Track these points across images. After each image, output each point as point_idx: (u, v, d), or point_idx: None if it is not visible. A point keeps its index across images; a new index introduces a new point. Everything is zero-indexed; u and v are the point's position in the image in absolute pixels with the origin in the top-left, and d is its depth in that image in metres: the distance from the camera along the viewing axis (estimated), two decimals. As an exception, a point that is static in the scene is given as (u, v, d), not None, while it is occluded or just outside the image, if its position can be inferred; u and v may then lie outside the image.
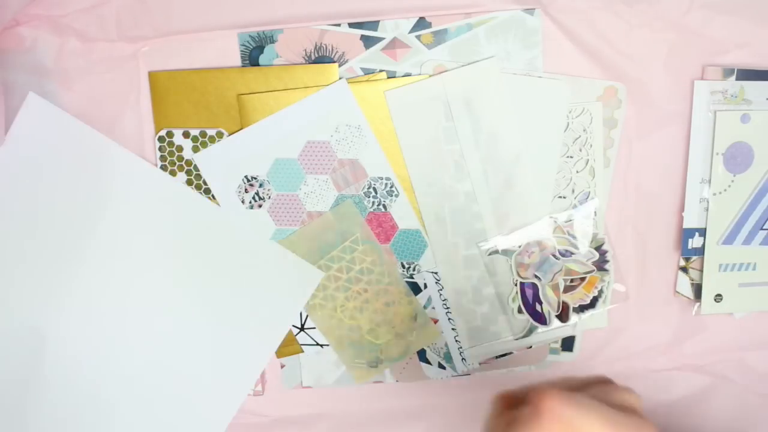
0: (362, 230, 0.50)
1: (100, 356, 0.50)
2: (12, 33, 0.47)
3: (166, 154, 0.49)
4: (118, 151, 0.49)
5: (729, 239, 0.52)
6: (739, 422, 0.54)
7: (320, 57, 0.48)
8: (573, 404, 0.33)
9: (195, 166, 0.49)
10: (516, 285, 0.51)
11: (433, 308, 0.51)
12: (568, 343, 0.53)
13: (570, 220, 0.51)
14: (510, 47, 0.49)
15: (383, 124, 0.49)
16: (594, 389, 0.36)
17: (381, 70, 0.49)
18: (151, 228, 0.50)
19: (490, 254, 0.51)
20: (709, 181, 0.51)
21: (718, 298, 0.52)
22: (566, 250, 0.51)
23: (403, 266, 0.51)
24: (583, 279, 0.52)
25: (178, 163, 0.49)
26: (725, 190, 0.51)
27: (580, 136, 0.50)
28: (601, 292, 0.52)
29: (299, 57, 0.48)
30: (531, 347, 0.53)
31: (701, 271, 0.52)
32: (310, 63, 0.48)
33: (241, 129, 0.48)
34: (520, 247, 0.51)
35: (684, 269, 0.53)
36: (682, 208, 0.52)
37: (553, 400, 0.33)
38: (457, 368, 0.52)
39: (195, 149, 0.49)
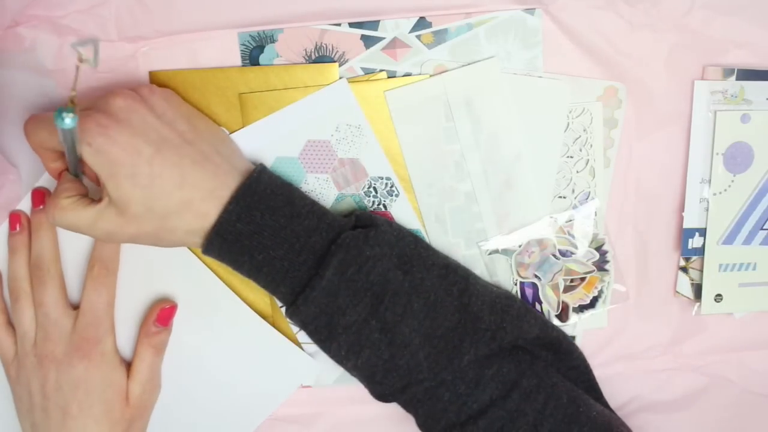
0: (362, 230, 0.50)
1: None
2: (11, 33, 0.47)
3: (166, 153, 0.49)
4: None
5: (729, 239, 0.52)
6: (739, 422, 0.55)
7: (320, 57, 0.48)
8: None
9: (195, 165, 0.49)
10: (516, 285, 0.51)
11: (433, 308, 0.51)
12: (568, 343, 0.53)
13: (570, 220, 0.51)
14: (510, 47, 0.49)
15: (383, 124, 0.49)
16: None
17: (381, 70, 0.49)
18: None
19: (490, 254, 0.51)
20: (709, 181, 0.51)
21: (718, 298, 0.52)
22: (566, 250, 0.51)
23: (403, 266, 0.51)
24: (583, 279, 0.52)
25: (178, 163, 0.49)
26: (725, 190, 0.51)
27: (580, 136, 0.50)
28: (601, 292, 0.52)
29: (299, 56, 0.48)
30: (531, 347, 0.53)
31: (701, 271, 0.52)
32: (310, 62, 0.48)
33: (242, 128, 0.48)
34: (520, 246, 0.51)
35: (684, 269, 0.53)
36: (682, 208, 0.52)
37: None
38: (457, 368, 0.52)
39: (195, 149, 0.49)
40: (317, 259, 0.43)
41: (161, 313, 0.49)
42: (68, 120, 0.37)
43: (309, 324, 0.44)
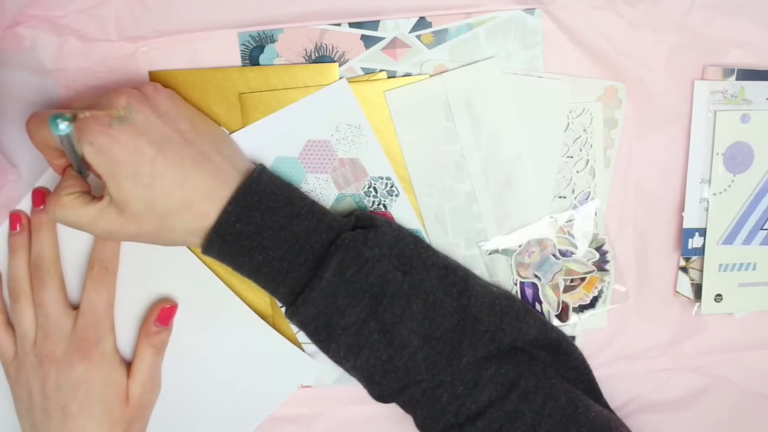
0: (362, 230, 0.50)
1: None
2: (11, 33, 0.47)
3: (166, 153, 0.49)
4: None
5: (729, 239, 0.52)
6: (739, 422, 0.55)
7: (320, 57, 0.48)
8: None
9: (195, 165, 0.49)
10: (516, 285, 0.51)
11: (433, 308, 0.51)
12: (568, 343, 0.53)
13: (570, 220, 0.51)
14: (510, 47, 0.49)
15: (383, 124, 0.49)
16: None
17: (381, 70, 0.49)
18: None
19: (490, 254, 0.51)
20: (709, 181, 0.51)
21: (718, 298, 0.52)
22: (566, 250, 0.51)
23: (403, 266, 0.51)
24: (583, 279, 0.52)
25: (178, 163, 0.49)
26: (725, 190, 0.51)
27: (580, 136, 0.50)
28: (601, 292, 0.52)
29: (299, 56, 0.48)
30: (531, 347, 0.53)
31: (701, 271, 0.52)
32: (310, 62, 0.48)
33: (242, 128, 0.48)
34: (520, 246, 0.51)
35: (684, 269, 0.53)
36: (682, 208, 0.52)
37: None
38: (457, 368, 0.52)
39: (195, 149, 0.49)
40: (317, 259, 0.43)
41: (161, 313, 0.49)
42: (63, 126, 0.37)
43: (308, 325, 0.44)
